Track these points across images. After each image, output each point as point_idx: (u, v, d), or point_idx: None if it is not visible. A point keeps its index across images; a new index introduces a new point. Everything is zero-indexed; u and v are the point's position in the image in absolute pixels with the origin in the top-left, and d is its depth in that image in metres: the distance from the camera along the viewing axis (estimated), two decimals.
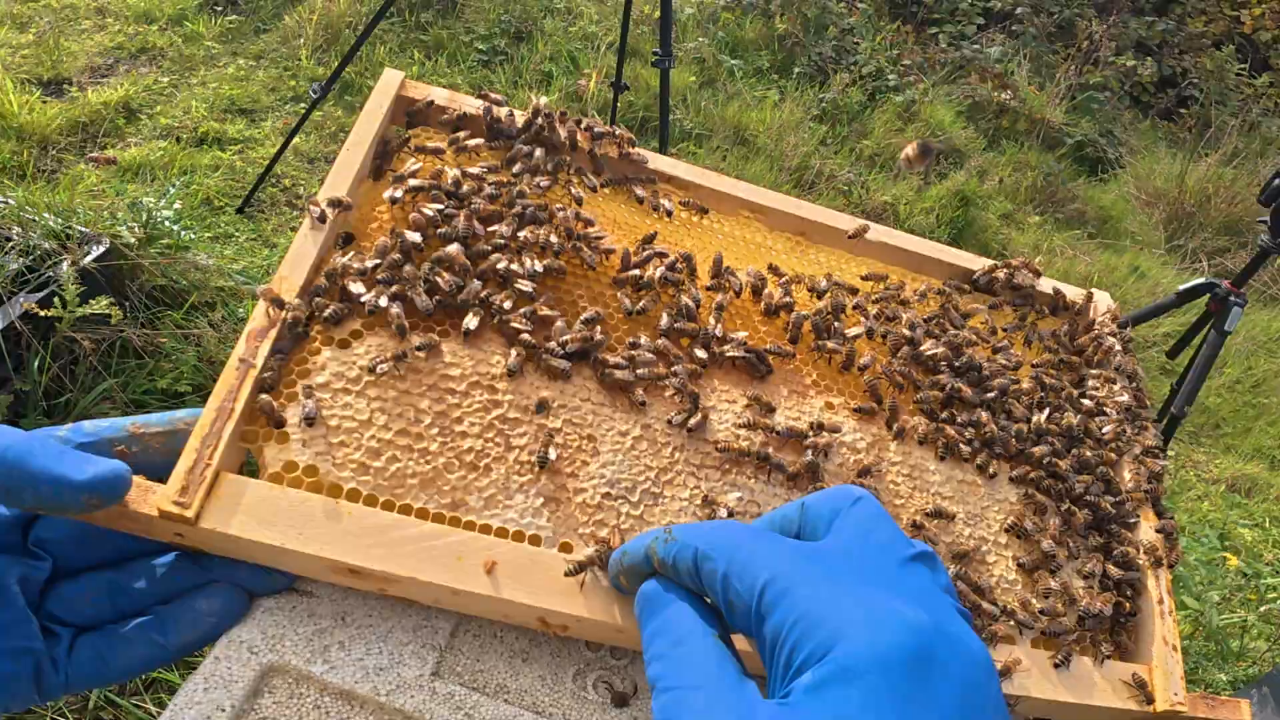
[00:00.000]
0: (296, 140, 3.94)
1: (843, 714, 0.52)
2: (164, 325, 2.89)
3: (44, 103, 3.81)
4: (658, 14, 3.41)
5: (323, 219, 0.96)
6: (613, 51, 5.14)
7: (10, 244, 2.63)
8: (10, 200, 2.81)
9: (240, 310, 3.13)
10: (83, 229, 2.77)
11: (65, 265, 2.60)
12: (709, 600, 0.65)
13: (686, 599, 0.65)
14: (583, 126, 1.21)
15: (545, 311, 0.98)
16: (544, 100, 1.18)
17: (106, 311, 2.55)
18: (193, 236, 3.20)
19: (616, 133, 1.22)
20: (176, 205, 3.16)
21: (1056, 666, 0.96)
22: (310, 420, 0.82)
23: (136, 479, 0.72)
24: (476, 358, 0.93)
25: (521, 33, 5.32)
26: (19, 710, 0.74)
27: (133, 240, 2.90)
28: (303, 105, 4.29)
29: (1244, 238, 6.12)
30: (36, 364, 2.54)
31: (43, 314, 2.48)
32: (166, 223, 3.05)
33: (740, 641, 0.69)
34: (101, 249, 2.72)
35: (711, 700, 0.56)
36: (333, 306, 0.89)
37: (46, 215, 2.79)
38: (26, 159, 3.50)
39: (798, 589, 0.58)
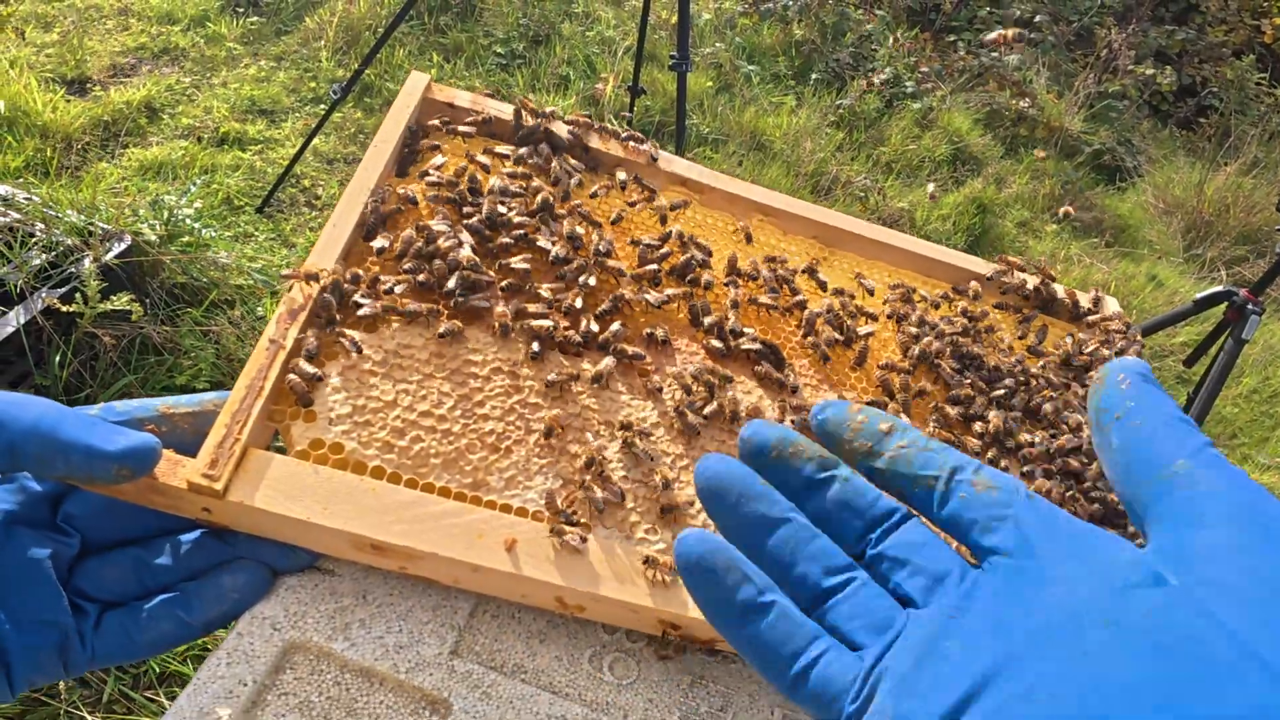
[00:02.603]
0: (316, 141, 3.98)
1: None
2: (183, 322, 2.93)
3: (67, 101, 3.86)
4: (675, 19, 3.43)
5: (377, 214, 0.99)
6: (630, 56, 5.17)
7: (33, 240, 2.67)
8: (34, 197, 2.85)
9: (259, 309, 3.17)
10: (105, 226, 2.81)
11: (87, 261, 2.64)
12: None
13: None
14: (612, 132, 1.23)
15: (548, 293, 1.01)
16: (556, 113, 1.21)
17: (127, 308, 2.58)
18: (213, 235, 3.24)
19: (645, 144, 1.25)
20: (197, 204, 3.21)
21: None
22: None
23: (166, 453, 0.74)
24: (499, 344, 0.95)
25: (539, 37, 5.35)
26: (44, 684, 0.76)
27: (154, 238, 2.93)
28: (322, 107, 4.33)
29: (1262, 247, 6.09)
30: (57, 359, 2.57)
31: (64, 309, 2.51)
32: (187, 221, 3.09)
33: None
34: (123, 246, 2.76)
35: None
36: (361, 290, 0.91)
37: (69, 212, 2.83)
38: (50, 156, 3.54)
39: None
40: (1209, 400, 3.15)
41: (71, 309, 2.52)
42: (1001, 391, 1.19)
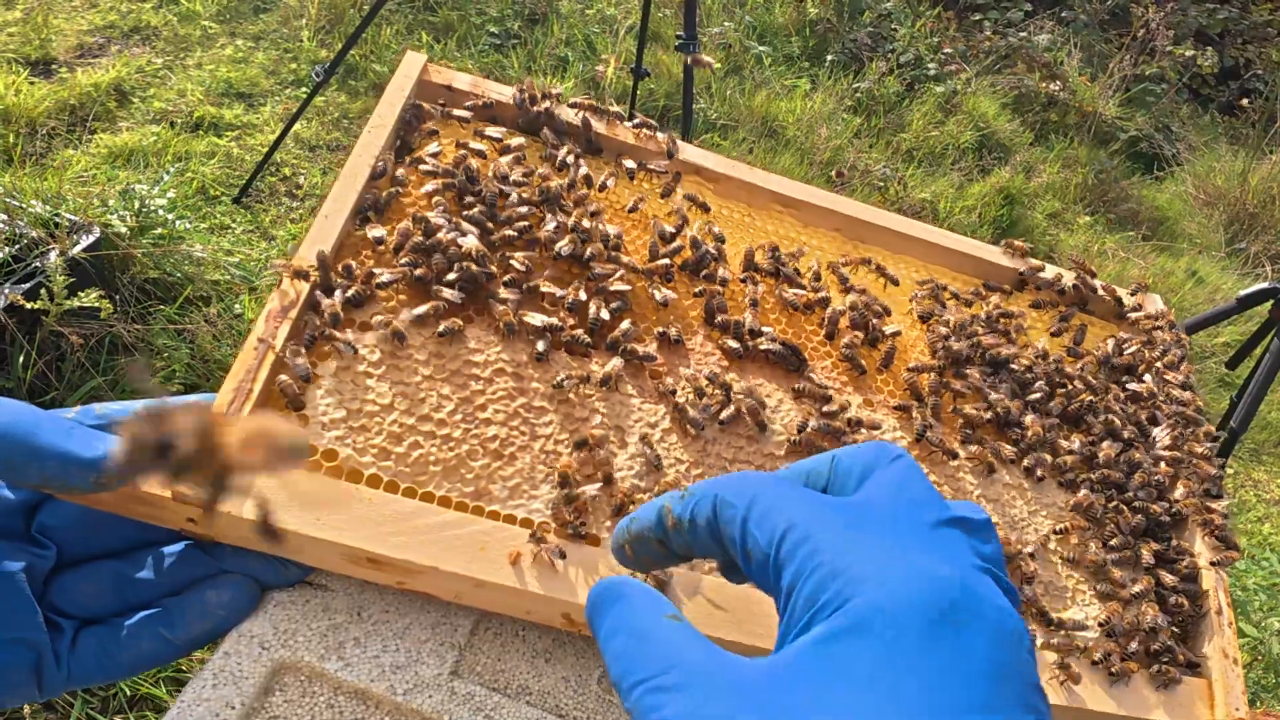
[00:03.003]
0: (297, 127, 3.98)
1: (849, 672, 0.51)
2: (156, 320, 2.93)
3: (31, 84, 3.86)
4: None
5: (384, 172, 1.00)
6: (632, 36, 5.17)
7: None
8: None
9: (237, 306, 3.17)
10: (72, 217, 2.80)
11: (53, 255, 2.63)
12: (730, 553, 0.64)
13: (642, 587, 0.64)
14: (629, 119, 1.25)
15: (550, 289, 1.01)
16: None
17: (96, 304, 2.58)
18: (188, 227, 3.24)
19: (657, 132, 1.26)
20: (170, 194, 3.20)
21: (1113, 677, 0.97)
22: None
23: None
24: (501, 344, 0.96)
25: (536, 15, 5.36)
26: (17, 705, 0.76)
27: (124, 229, 2.93)
28: (304, 90, 4.33)
29: None
30: (21, 360, 2.57)
31: (29, 306, 2.51)
32: (160, 212, 3.09)
33: None
34: (91, 238, 2.76)
35: (688, 676, 0.55)
36: (355, 288, 0.91)
37: (34, 202, 2.83)
38: (13, 142, 3.54)
39: (818, 536, 0.57)
40: (1253, 405, 3.14)
41: (36, 306, 2.52)
42: (1037, 395, 1.19)
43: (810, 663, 0.52)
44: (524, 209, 1.06)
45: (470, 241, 0.98)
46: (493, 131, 1.17)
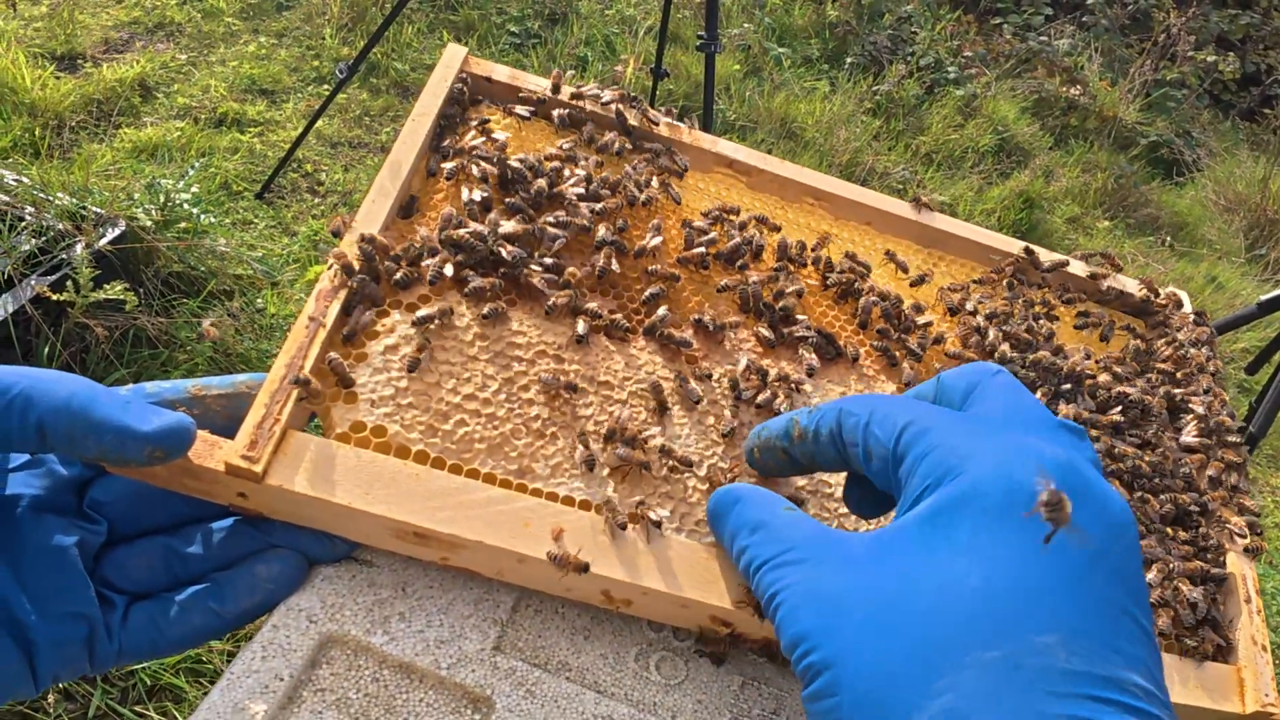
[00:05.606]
0: (319, 124, 4.01)
1: (950, 538, 0.54)
2: (179, 314, 2.95)
3: (57, 78, 3.90)
4: None
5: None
6: (652, 36, 5.20)
7: (23, 224, 2.70)
8: (24, 179, 2.88)
9: (259, 300, 3.20)
10: (98, 210, 2.83)
11: (79, 247, 2.66)
12: (850, 460, 0.70)
13: (756, 489, 0.74)
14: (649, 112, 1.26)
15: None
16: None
17: (121, 297, 2.60)
18: (211, 221, 3.26)
19: (678, 117, 1.28)
20: (194, 188, 3.23)
21: None
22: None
23: (201, 434, 0.75)
24: (543, 327, 0.98)
25: (556, 15, 5.38)
26: (69, 679, 0.77)
27: (149, 223, 2.96)
28: (326, 87, 4.36)
29: None
30: (46, 351, 2.60)
31: (55, 298, 2.53)
32: (184, 206, 3.11)
33: None
34: (117, 231, 2.78)
35: (805, 552, 0.62)
36: (401, 271, 0.93)
37: (61, 195, 2.85)
38: (40, 136, 3.58)
39: (935, 428, 0.61)
40: (1273, 410, 3.14)
41: (62, 298, 2.54)
42: (1067, 386, 1.20)
43: (915, 532, 0.56)
44: (567, 190, 1.09)
45: (509, 226, 1.00)
46: (521, 110, 1.19)
